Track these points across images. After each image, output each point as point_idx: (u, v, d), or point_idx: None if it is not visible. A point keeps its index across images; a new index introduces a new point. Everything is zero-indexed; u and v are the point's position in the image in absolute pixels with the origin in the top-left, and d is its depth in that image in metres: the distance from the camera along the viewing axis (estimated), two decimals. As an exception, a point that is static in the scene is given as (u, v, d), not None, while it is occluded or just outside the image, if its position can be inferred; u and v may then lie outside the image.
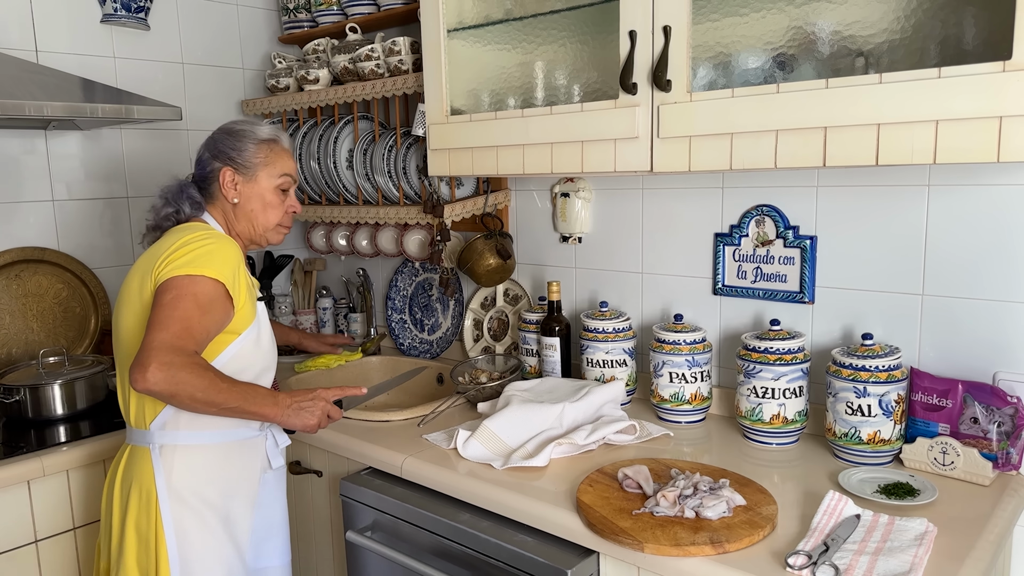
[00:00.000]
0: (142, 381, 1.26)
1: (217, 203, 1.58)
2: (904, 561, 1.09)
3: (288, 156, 1.62)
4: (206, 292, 1.37)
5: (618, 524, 1.24)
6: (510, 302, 2.26)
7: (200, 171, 1.60)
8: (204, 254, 1.40)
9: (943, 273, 1.50)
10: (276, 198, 1.60)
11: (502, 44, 1.90)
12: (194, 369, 1.30)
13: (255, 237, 1.61)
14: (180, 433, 1.45)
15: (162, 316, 1.32)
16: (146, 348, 1.28)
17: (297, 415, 1.44)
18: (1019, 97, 1.08)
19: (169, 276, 1.36)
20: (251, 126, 1.60)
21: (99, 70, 2.29)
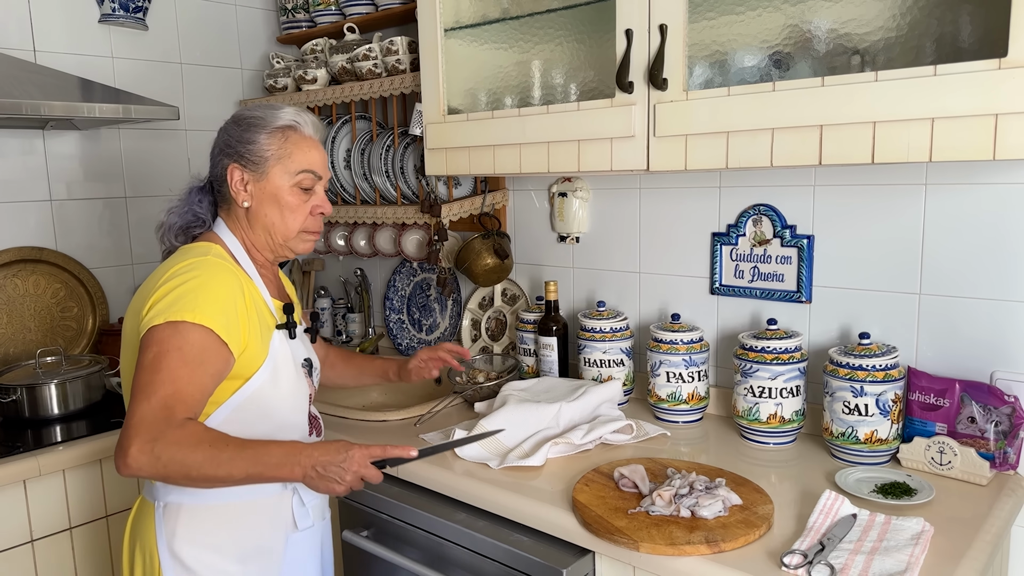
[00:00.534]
0: (124, 467, 1.09)
1: (231, 209, 1.35)
2: (900, 561, 1.09)
3: (311, 145, 1.35)
4: (193, 343, 1.16)
5: (614, 523, 1.24)
6: (508, 302, 2.26)
7: (212, 169, 1.37)
8: (187, 292, 1.18)
9: (940, 272, 1.50)
10: (295, 199, 1.33)
11: (499, 43, 1.90)
12: (183, 444, 1.09)
13: (276, 248, 1.35)
14: (185, 491, 1.25)
15: (143, 381, 1.13)
16: (126, 425, 1.10)
17: (321, 480, 1.16)
18: (1015, 94, 1.08)
19: (150, 325, 1.17)
20: (266, 111, 1.34)
21: (97, 70, 2.29)
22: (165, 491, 1.26)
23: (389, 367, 1.74)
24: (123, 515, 1.86)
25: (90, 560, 1.81)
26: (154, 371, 1.13)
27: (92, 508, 1.81)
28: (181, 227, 1.36)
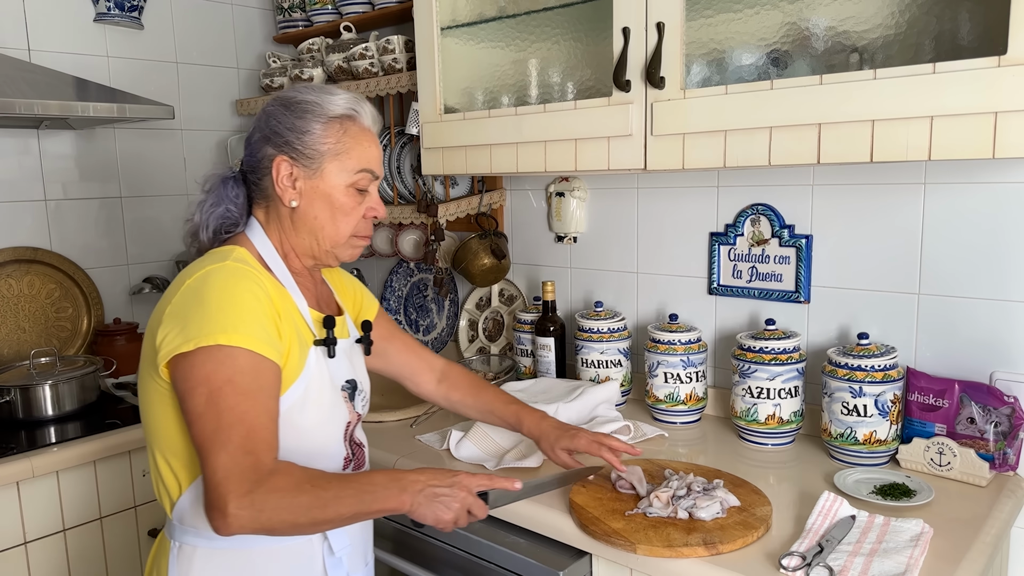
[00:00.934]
0: (224, 528, 0.96)
1: (271, 206, 1.17)
2: (899, 562, 1.08)
3: (370, 140, 1.17)
4: (242, 369, 1.01)
5: (611, 525, 1.23)
6: (505, 302, 2.25)
7: (250, 158, 1.17)
8: (214, 310, 1.02)
9: (939, 272, 1.49)
10: (350, 200, 1.16)
11: (496, 42, 1.89)
12: (284, 490, 0.97)
13: (319, 254, 1.18)
14: (201, 533, 1.10)
15: (208, 430, 0.98)
16: (211, 483, 0.96)
17: (430, 505, 1.06)
18: (1014, 92, 1.07)
19: (177, 351, 1.01)
20: (320, 95, 1.15)
21: (92, 69, 2.28)
22: (181, 531, 1.12)
23: (526, 421, 1.41)
24: (117, 517, 1.85)
25: (84, 562, 1.80)
26: (216, 415, 0.98)
27: (86, 510, 1.79)
28: (215, 228, 1.17)
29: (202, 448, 0.99)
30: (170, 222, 2.51)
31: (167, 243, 2.50)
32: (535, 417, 1.41)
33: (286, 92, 1.18)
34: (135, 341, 2.30)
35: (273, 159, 1.14)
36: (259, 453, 0.99)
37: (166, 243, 2.50)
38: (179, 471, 1.10)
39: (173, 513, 1.12)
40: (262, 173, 1.16)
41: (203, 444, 0.99)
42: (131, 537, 1.88)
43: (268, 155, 1.14)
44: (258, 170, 1.16)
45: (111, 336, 2.26)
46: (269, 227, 1.18)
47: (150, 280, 2.41)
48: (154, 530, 1.91)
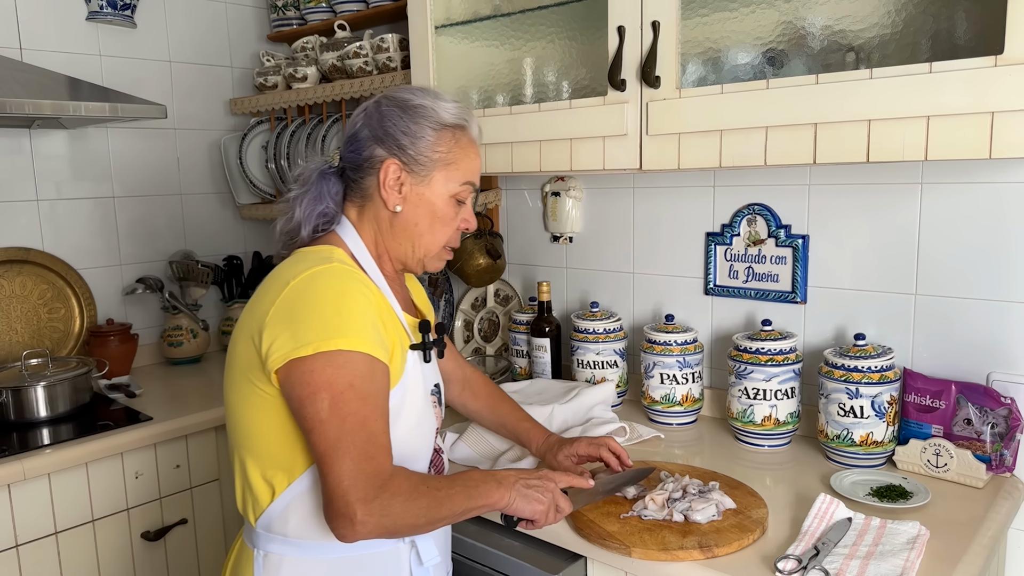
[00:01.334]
0: (351, 536, 0.96)
1: (367, 206, 1.15)
2: (896, 565, 1.07)
3: (476, 152, 1.17)
4: (360, 373, 0.99)
5: (605, 528, 1.22)
6: (500, 303, 2.24)
7: (353, 155, 1.14)
8: (331, 313, 1.00)
9: (936, 272, 1.48)
10: (450, 210, 1.15)
11: (490, 40, 1.88)
12: (405, 494, 0.99)
13: (410, 261, 1.17)
14: (289, 541, 1.09)
15: (330, 436, 0.97)
16: (336, 491, 0.96)
17: (526, 499, 1.10)
18: (1011, 92, 1.06)
19: (292, 356, 0.98)
20: (432, 100, 1.13)
21: (85, 68, 2.27)
22: (266, 539, 1.10)
23: (534, 436, 1.43)
24: (109, 520, 1.84)
25: (76, 566, 1.79)
26: (340, 421, 0.97)
27: (78, 513, 1.78)
28: (314, 225, 1.14)
29: (325, 455, 0.97)
30: (164, 222, 2.49)
31: (160, 243, 2.49)
32: (543, 436, 1.42)
33: (399, 93, 1.15)
34: (128, 342, 2.29)
35: (383, 161, 1.11)
36: (380, 458, 0.99)
37: (159, 243, 2.49)
38: (272, 478, 1.08)
39: (259, 521, 1.10)
40: (365, 172, 1.13)
41: (326, 451, 0.97)
42: (124, 540, 1.87)
43: (377, 156, 1.12)
44: (361, 168, 1.13)
45: (104, 337, 2.25)
46: (362, 227, 1.16)
47: (143, 280, 2.39)
48: (147, 532, 1.90)
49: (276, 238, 1.18)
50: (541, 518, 1.13)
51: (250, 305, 1.09)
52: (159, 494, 1.92)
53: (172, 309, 2.41)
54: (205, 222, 2.60)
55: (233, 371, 1.09)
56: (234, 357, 1.09)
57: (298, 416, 1.01)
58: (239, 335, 1.08)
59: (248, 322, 1.06)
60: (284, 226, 1.16)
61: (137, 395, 2.10)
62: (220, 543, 2.07)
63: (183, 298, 2.47)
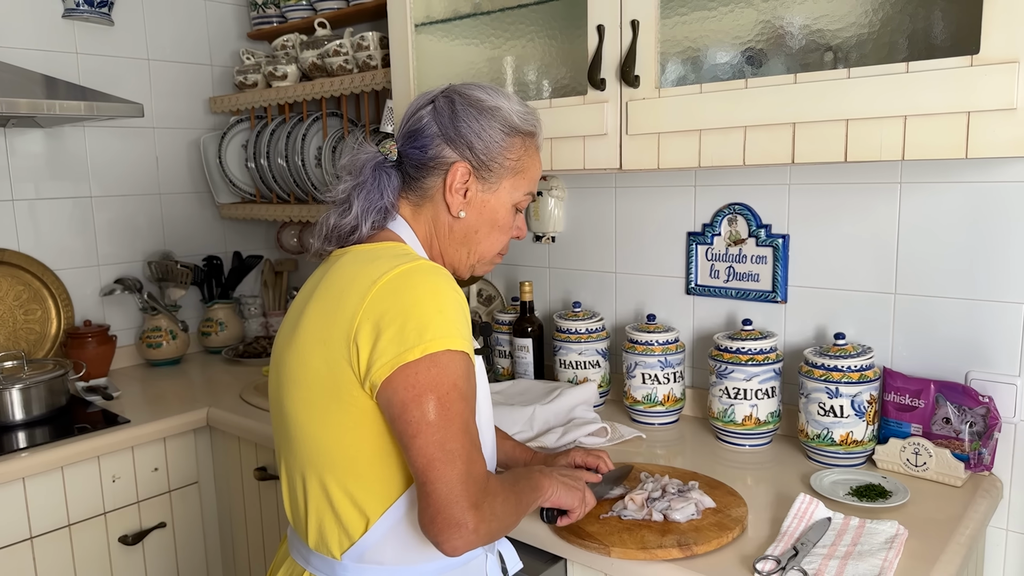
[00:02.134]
0: (464, 546, 0.91)
1: (424, 205, 1.09)
2: (874, 565, 1.07)
3: (540, 161, 1.14)
4: (463, 374, 0.94)
5: (585, 528, 1.21)
6: (483, 303, 2.23)
7: (417, 152, 1.07)
8: (434, 311, 0.93)
9: (915, 272, 1.48)
10: (510, 219, 1.12)
11: (471, 39, 1.87)
12: (503, 494, 0.97)
13: (461, 266, 1.13)
14: (384, 569, 1.01)
15: (437, 439, 0.91)
16: (451, 500, 0.90)
17: (566, 488, 1.13)
18: (987, 92, 1.06)
19: (402, 362, 0.91)
20: (509, 103, 1.08)
21: (61, 66, 2.24)
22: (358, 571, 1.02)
23: (521, 456, 1.38)
24: (86, 524, 1.81)
25: (52, 572, 1.76)
26: (447, 423, 0.92)
27: (54, 517, 1.76)
28: (373, 221, 1.06)
29: (433, 460, 0.90)
30: (142, 222, 2.46)
31: (139, 243, 2.46)
32: (528, 454, 1.38)
33: (471, 91, 1.08)
34: (106, 343, 2.26)
35: (452, 163, 1.06)
36: (481, 461, 0.95)
37: (138, 243, 2.46)
38: (366, 503, 1.00)
39: (349, 553, 1.01)
40: (429, 172, 1.07)
41: (434, 455, 0.91)
42: (101, 545, 1.84)
43: (446, 157, 1.06)
44: (425, 167, 1.07)
45: (82, 338, 2.22)
46: (417, 227, 1.10)
47: (121, 281, 2.37)
48: (125, 537, 1.87)
49: (323, 232, 1.09)
50: (580, 508, 1.16)
51: (321, 311, 0.99)
52: (137, 498, 1.90)
53: (151, 310, 2.38)
54: (184, 222, 2.58)
55: (309, 388, 0.99)
56: (309, 370, 0.99)
57: (399, 422, 0.92)
58: (314, 347, 0.98)
59: (329, 331, 0.96)
60: (338, 220, 1.07)
61: (115, 397, 2.07)
62: (199, 547, 2.05)
63: (162, 299, 2.44)
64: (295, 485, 1.06)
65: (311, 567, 1.06)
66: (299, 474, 1.04)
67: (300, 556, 1.08)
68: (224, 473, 2.03)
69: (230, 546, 2.07)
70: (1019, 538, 1.42)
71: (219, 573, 2.10)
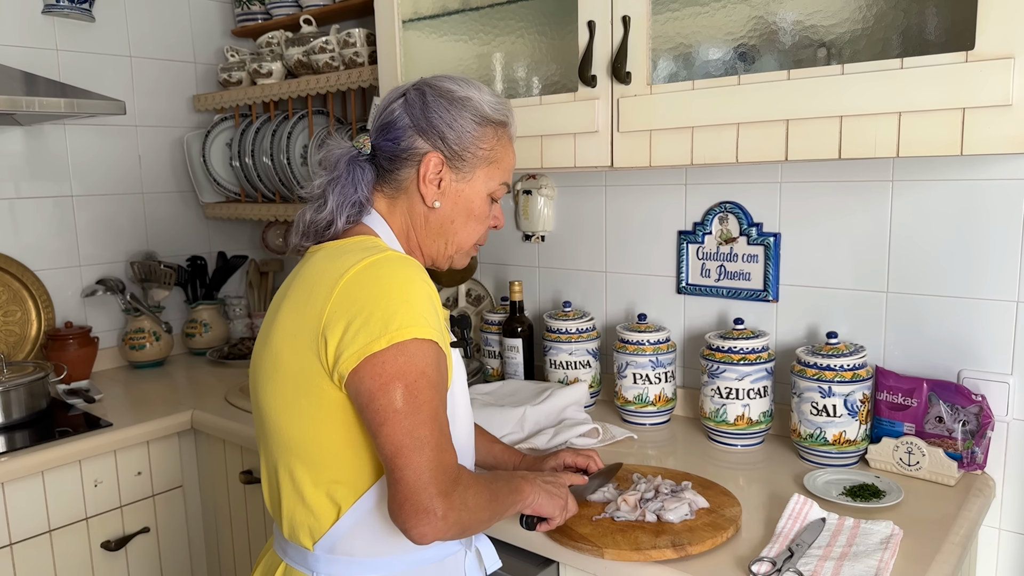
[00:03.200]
0: (432, 533, 0.90)
1: (399, 198, 1.10)
2: (870, 566, 1.06)
3: (513, 150, 1.15)
4: (431, 362, 0.94)
5: (577, 530, 1.20)
6: (472, 303, 2.21)
7: (390, 144, 1.08)
8: (400, 300, 0.93)
9: (908, 270, 1.48)
10: (485, 208, 1.13)
11: (459, 35, 1.85)
12: (475, 487, 0.96)
13: (440, 257, 1.14)
14: (356, 561, 1.02)
15: (406, 427, 0.91)
16: (418, 487, 0.90)
17: (548, 495, 1.11)
18: (982, 88, 1.05)
19: (368, 353, 0.91)
20: (479, 94, 1.09)
21: (41, 63, 2.19)
22: (328, 562, 1.02)
23: (509, 459, 1.37)
24: (67, 530, 1.77)
25: (32, 577, 1.73)
26: (414, 411, 0.91)
27: (34, 523, 1.72)
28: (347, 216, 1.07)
29: (401, 447, 0.91)
30: (125, 222, 2.42)
31: (122, 243, 2.42)
32: (517, 457, 1.38)
33: (442, 82, 1.09)
34: (88, 345, 2.22)
35: (425, 154, 1.06)
36: (450, 450, 0.95)
37: (120, 243, 2.42)
38: (337, 494, 1.01)
39: (319, 544, 1.02)
40: (403, 164, 1.07)
41: (401, 443, 0.91)
42: (83, 550, 1.81)
43: (419, 148, 1.06)
44: (398, 159, 1.07)
45: (63, 340, 2.18)
46: (392, 220, 1.10)
47: (103, 282, 2.32)
48: (108, 542, 1.84)
49: (299, 228, 1.10)
50: (560, 516, 1.14)
51: (292, 307, 1.00)
52: (120, 502, 1.87)
53: (134, 311, 2.34)
54: (168, 222, 2.54)
55: (283, 382, 1.00)
56: (280, 365, 1.00)
57: (367, 411, 0.93)
58: (285, 341, 0.99)
59: (299, 326, 0.98)
60: (314, 215, 1.08)
61: (97, 400, 2.03)
62: (184, 552, 2.02)
63: (145, 300, 2.40)
64: (272, 477, 1.07)
65: (287, 558, 1.07)
66: (275, 466, 1.06)
67: (279, 547, 1.10)
68: (209, 477, 1.99)
69: (215, 551, 2.04)
70: (1012, 537, 1.41)
71: (204, 578, 2.07)
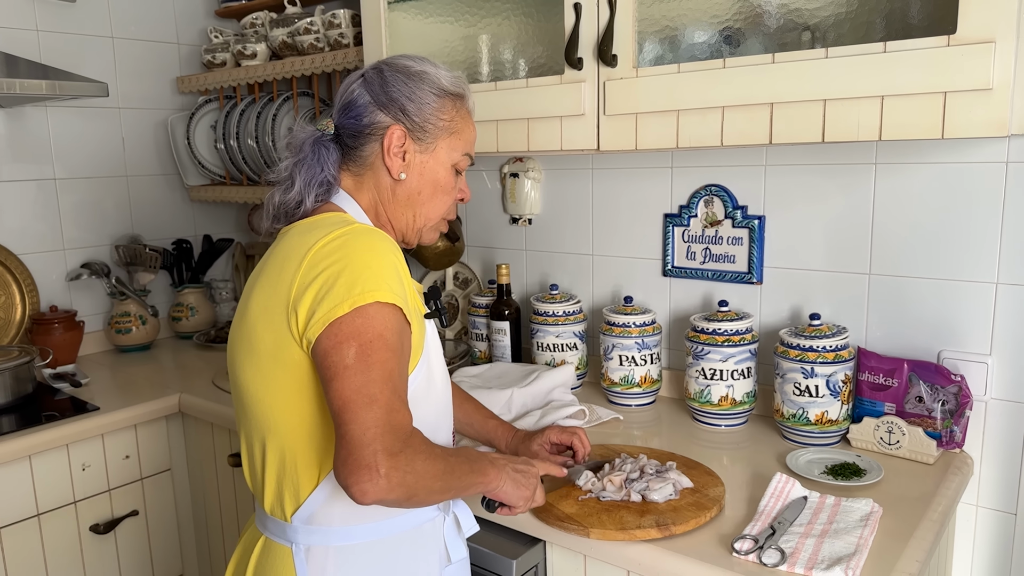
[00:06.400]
0: (373, 491, 0.88)
1: (365, 175, 1.11)
2: (849, 543, 1.08)
3: (473, 122, 1.17)
4: (390, 326, 0.95)
5: (563, 510, 1.21)
6: (460, 286, 2.22)
7: (352, 121, 1.10)
8: (362, 268, 0.95)
9: (889, 252, 1.50)
10: (451, 180, 1.15)
11: (445, 17, 1.84)
12: (427, 453, 0.93)
13: (409, 232, 1.15)
14: (334, 530, 1.04)
15: (355, 384, 0.90)
16: (363, 442, 0.88)
17: (515, 484, 1.10)
18: (963, 72, 1.06)
19: (331, 319, 0.93)
20: (435, 68, 1.12)
21: (21, 44, 2.16)
22: (307, 532, 1.04)
23: (502, 435, 1.39)
24: (56, 513, 1.78)
25: (22, 562, 1.73)
26: (366, 368, 0.91)
27: (22, 507, 1.72)
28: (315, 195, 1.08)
29: (349, 403, 0.90)
30: (109, 205, 2.40)
31: (106, 227, 2.40)
32: (510, 432, 1.39)
33: (398, 60, 1.12)
34: (73, 329, 2.21)
35: (387, 127, 1.08)
36: (403, 412, 0.93)
37: (105, 227, 2.40)
38: (311, 465, 1.02)
39: (297, 515, 1.03)
40: (366, 139, 1.09)
41: (350, 398, 0.90)
42: (72, 534, 1.81)
43: (380, 122, 1.08)
44: (361, 135, 1.09)
45: (48, 324, 2.17)
46: (360, 197, 1.12)
47: (88, 266, 2.31)
48: (96, 525, 1.84)
49: (270, 211, 1.11)
50: (523, 505, 1.13)
51: (265, 284, 1.02)
52: (108, 486, 1.87)
53: (119, 295, 2.33)
54: (152, 205, 2.52)
55: (258, 357, 1.01)
56: (255, 340, 1.01)
57: (321, 368, 0.94)
58: (259, 316, 1.01)
59: (270, 300, 0.99)
60: (282, 196, 1.09)
61: (83, 384, 2.03)
62: (173, 534, 2.03)
63: (131, 283, 2.39)
64: (252, 453, 1.08)
65: (267, 531, 1.09)
66: (253, 442, 1.07)
67: (260, 522, 1.11)
68: (197, 460, 2.00)
69: (204, 534, 2.04)
70: (988, 513, 1.44)
71: (193, 561, 2.08)
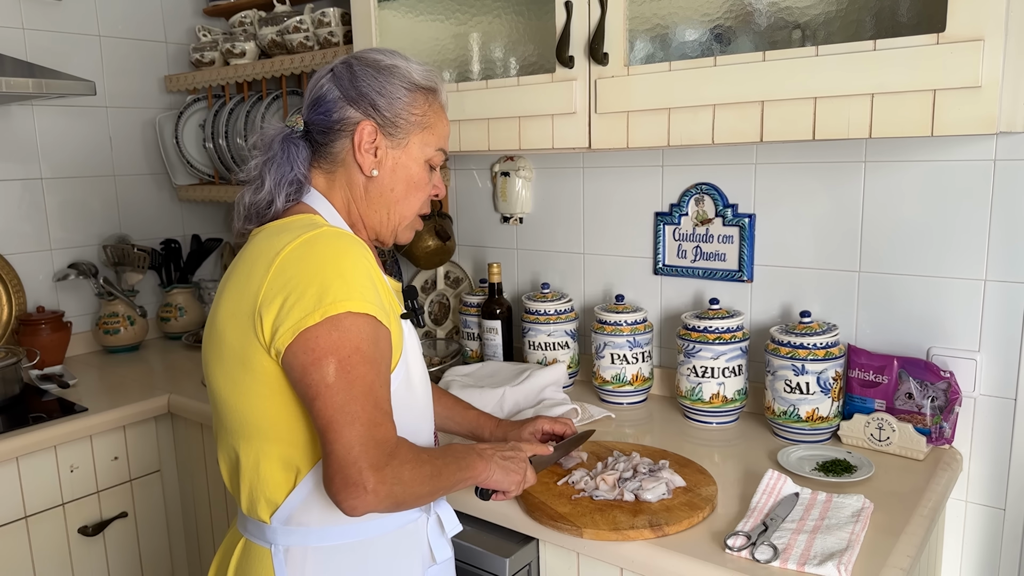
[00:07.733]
0: (362, 506, 0.90)
1: (337, 172, 1.09)
2: (841, 539, 1.09)
3: (446, 117, 1.15)
4: (366, 337, 0.94)
5: (557, 509, 1.21)
6: (451, 285, 2.21)
7: (321, 117, 1.08)
8: (332, 277, 0.94)
9: (879, 250, 1.50)
10: (424, 176, 1.12)
11: (436, 15, 1.83)
12: (414, 462, 0.95)
13: (384, 230, 1.13)
14: (312, 531, 1.03)
15: (336, 402, 0.91)
16: (348, 461, 0.90)
17: (504, 471, 1.12)
18: (952, 70, 1.07)
19: (301, 328, 0.92)
20: (406, 62, 1.09)
21: (7, 42, 2.14)
22: (285, 533, 1.03)
23: (486, 424, 1.40)
24: (44, 515, 1.76)
25: (9, 564, 1.71)
26: (347, 385, 0.92)
27: (9, 509, 1.70)
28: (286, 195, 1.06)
29: (333, 422, 0.91)
30: (97, 205, 2.38)
31: (94, 227, 2.38)
32: (494, 422, 1.40)
33: (367, 54, 1.09)
34: (61, 330, 2.19)
35: (357, 123, 1.06)
36: (387, 425, 0.94)
37: (93, 227, 2.38)
38: (287, 467, 1.02)
39: (276, 515, 1.03)
40: (336, 136, 1.07)
41: (332, 417, 0.91)
42: (60, 536, 1.80)
43: (351, 118, 1.06)
44: (331, 132, 1.07)
45: (35, 325, 2.15)
46: (332, 196, 1.10)
47: (76, 266, 2.29)
48: (85, 527, 1.83)
49: (241, 212, 1.09)
50: (515, 489, 1.15)
51: (233, 287, 1.00)
52: (96, 488, 1.85)
53: (107, 295, 2.31)
54: (140, 204, 2.50)
55: (225, 360, 1.01)
56: (224, 345, 1.01)
57: (300, 385, 0.94)
58: (227, 321, 1.00)
59: (238, 305, 0.98)
60: (252, 197, 1.08)
61: (71, 385, 2.01)
62: (162, 536, 2.01)
63: (119, 284, 2.37)
64: (229, 455, 1.08)
65: (247, 533, 1.08)
66: (230, 444, 1.06)
67: (240, 524, 1.11)
68: (186, 461, 1.99)
69: (194, 535, 2.03)
70: (978, 509, 1.45)
71: (182, 563, 2.06)
